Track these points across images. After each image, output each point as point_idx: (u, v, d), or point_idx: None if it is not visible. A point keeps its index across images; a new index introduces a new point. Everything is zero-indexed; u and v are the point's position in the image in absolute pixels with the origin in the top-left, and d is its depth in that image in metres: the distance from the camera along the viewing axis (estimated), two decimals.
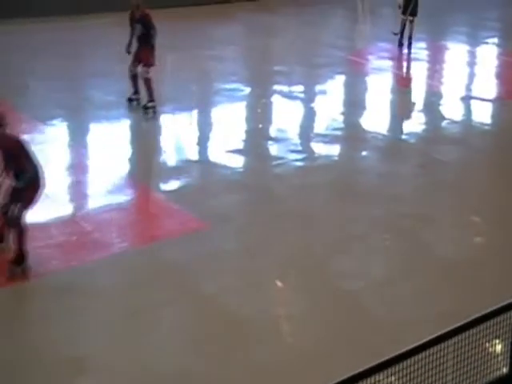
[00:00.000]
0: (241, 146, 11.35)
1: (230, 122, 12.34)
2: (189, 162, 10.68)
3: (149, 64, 11.89)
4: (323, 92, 14.63)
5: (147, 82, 11.95)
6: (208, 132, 12.15)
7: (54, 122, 11.76)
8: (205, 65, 15.43)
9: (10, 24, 16.71)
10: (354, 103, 13.77)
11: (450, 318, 4.39)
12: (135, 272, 7.56)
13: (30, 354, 6.15)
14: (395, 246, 8.42)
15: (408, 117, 13.45)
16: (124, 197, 9.40)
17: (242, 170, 10.60)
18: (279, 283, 7.60)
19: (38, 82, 13.24)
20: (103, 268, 7.59)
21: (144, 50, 11.86)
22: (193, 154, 11.10)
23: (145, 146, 11.36)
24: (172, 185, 9.77)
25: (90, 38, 16.67)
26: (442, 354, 4.06)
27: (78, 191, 9.62)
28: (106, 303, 7.01)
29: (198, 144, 11.57)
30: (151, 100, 12.05)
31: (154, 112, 12.11)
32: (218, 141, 11.66)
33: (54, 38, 16.25)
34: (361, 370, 3.60)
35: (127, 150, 10.96)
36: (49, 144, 10.99)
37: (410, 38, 17.06)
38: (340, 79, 15.50)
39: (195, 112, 13.10)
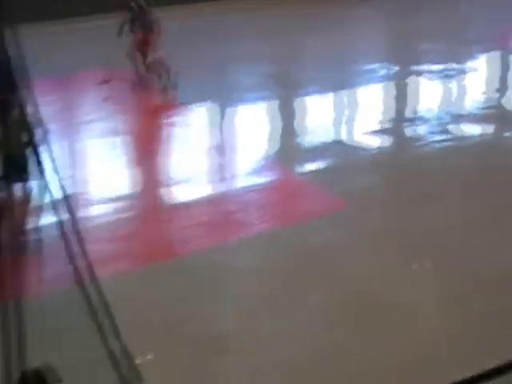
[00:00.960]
0: (381, 126, 11.20)
1: (370, 103, 12.21)
2: (329, 143, 10.65)
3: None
4: (470, 70, 14.13)
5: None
6: (348, 113, 12.08)
7: (199, 104, 12.08)
8: (345, 45, 15.31)
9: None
10: (504, 81, 13.22)
11: None
12: (275, 252, 7.65)
13: (169, 333, 6.33)
14: None
15: None
16: (265, 178, 9.53)
17: (381, 150, 10.47)
18: (419, 267, 7.47)
19: (186, 66, 13.59)
20: (244, 248, 7.73)
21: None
22: (333, 135, 11.08)
23: (285, 127, 11.45)
24: (312, 165, 9.80)
25: (234, 22, 16.88)
26: None
27: (220, 172, 9.87)
28: (247, 283, 7.13)
29: (338, 125, 11.54)
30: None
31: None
32: (358, 122, 11.57)
33: (199, 23, 16.57)
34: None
35: (268, 132, 11.11)
36: (193, 126, 11.33)
37: None
38: (489, 56, 14.91)
39: (335, 93, 13.05)
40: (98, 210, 8.61)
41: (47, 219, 7.20)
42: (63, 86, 12.93)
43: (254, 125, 11.29)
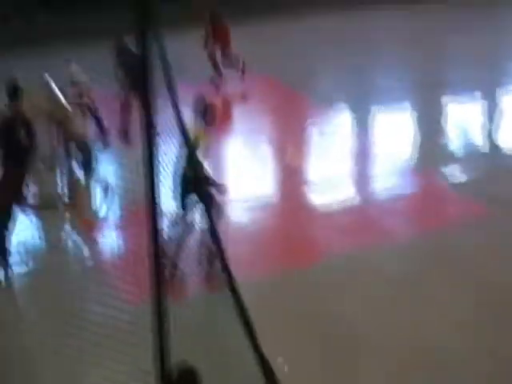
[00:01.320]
0: None
1: None
2: (474, 149, 10.40)
3: None
4: None
5: None
6: (495, 119, 11.67)
7: (341, 107, 12.00)
8: (487, 47, 14.54)
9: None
10: None
11: None
12: (417, 258, 7.57)
13: (307, 333, 6.39)
14: None
15: None
16: (407, 183, 9.40)
17: None
18: None
19: (329, 68, 13.52)
20: (384, 254, 7.65)
21: None
22: (479, 142, 10.78)
23: (429, 132, 11.17)
24: (456, 172, 9.56)
25: (377, 28, 16.28)
26: None
27: (361, 177, 9.78)
28: (384, 286, 7.08)
29: (485, 131, 11.19)
30: None
31: None
32: (506, 128, 11.15)
33: (346, 27, 16.04)
34: None
35: (411, 137, 10.90)
36: (335, 129, 11.22)
37: None
38: None
39: (481, 99, 12.59)
40: (236, 212, 8.71)
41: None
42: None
43: (396, 129, 11.10)
